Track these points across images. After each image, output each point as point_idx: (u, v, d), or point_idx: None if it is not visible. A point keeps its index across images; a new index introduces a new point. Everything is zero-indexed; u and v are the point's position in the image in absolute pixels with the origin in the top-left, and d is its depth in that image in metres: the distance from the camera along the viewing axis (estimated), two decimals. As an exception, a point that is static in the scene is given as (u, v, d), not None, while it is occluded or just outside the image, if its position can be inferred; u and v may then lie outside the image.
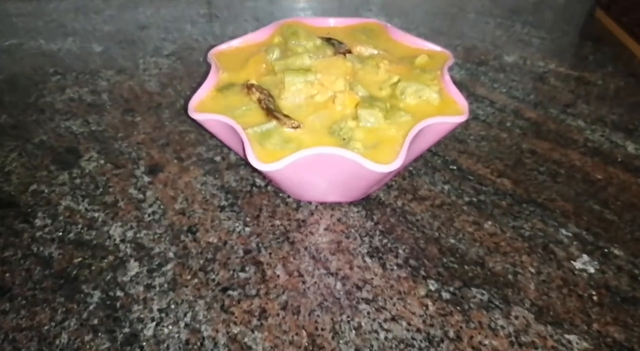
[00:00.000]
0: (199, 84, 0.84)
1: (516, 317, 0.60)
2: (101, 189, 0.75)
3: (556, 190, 0.76)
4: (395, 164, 0.57)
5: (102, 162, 0.80)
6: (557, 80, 0.98)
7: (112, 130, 0.86)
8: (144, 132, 0.86)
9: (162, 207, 0.73)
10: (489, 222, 0.71)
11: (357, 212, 0.72)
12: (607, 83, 0.97)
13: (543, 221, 0.71)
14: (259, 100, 0.66)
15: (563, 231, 0.70)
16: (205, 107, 0.67)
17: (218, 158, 0.81)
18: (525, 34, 1.13)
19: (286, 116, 0.63)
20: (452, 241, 0.69)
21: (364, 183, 0.63)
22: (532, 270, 0.65)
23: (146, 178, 0.77)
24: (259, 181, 0.77)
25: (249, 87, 0.68)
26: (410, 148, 0.60)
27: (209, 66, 0.73)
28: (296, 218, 0.71)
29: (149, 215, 0.72)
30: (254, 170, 0.77)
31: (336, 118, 0.64)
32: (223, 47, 0.78)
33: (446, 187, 0.76)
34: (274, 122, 0.62)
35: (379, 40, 0.79)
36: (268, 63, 0.73)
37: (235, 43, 0.78)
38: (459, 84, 0.96)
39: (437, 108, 0.66)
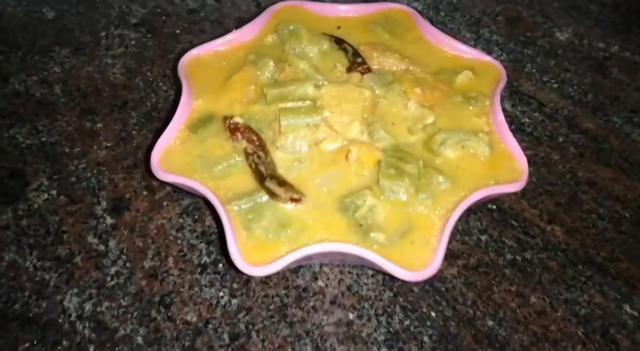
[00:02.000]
0: (165, 120, 0.66)
1: None
2: (53, 236, 0.60)
3: (619, 245, 0.61)
4: (430, 270, 0.42)
5: (54, 193, 0.64)
6: (621, 72, 0.78)
7: (66, 143, 0.69)
8: (106, 145, 0.68)
9: (128, 264, 0.58)
10: (537, 294, 0.57)
11: (372, 276, 0.57)
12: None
13: (602, 292, 0.57)
14: (247, 154, 0.49)
15: (627, 308, 0.56)
16: (174, 157, 0.50)
17: (198, 189, 0.64)
18: (581, -1, 0.89)
19: (283, 184, 0.46)
20: (491, 323, 0.55)
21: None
22: (589, 369, 0.53)
23: (109, 220, 0.62)
24: (249, 225, 0.61)
25: (232, 130, 0.50)
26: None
27: (177, 84, 0.55)
28: (296, 285, 0.57)
29: (112, 278, 0.57)
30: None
31: (350, 184, 0.47)
32: (198, 51, 0.58)
33: (483, 237, 0.61)
34: (263, 194, 0.46)
35: (406, 40, 0.60)
36: (259, 84, 0.54)
37: (215, 45, 0.59)
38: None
39: (486, 164, 0.49)
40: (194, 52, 0.57)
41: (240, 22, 0.83)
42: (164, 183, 0.64)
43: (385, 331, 0.54)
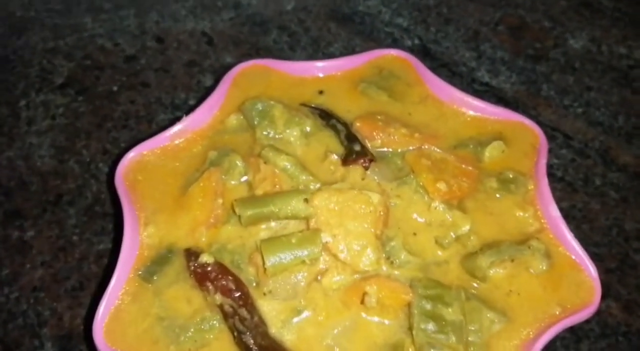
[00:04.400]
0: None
1: None
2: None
3: None
4: None
5: (-20, 340, 0.50)
6: (651, 81, 0.66)
7: (-11, 265, 0.54)
8: (42, 261, 0.54)
9: None
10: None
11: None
12: None
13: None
14: (224, 314, 0.35)
15: None
16: (125, 323, 0.36)
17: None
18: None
19: (281, 358, 0.33)
20: None
21: None
22: None
23: (57, 373, 0.48)
24: None
25: (199, 278, 0.36)
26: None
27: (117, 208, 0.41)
28: None
29: None
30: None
31: (373, 340, 0.35)
32: (140, 151, 0.43)
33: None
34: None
35: (409, 101, 0.46)
36: (226, 195, 0.40)
37: (161, 140, 0.44)
38: (511, 103, 0.63)
39: (544, 281, 0.37)
40: (132, 155, 0.43)
41: (192, 68, 0.68)
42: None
43: None
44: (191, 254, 0.38)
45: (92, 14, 0.75)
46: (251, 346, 0.33)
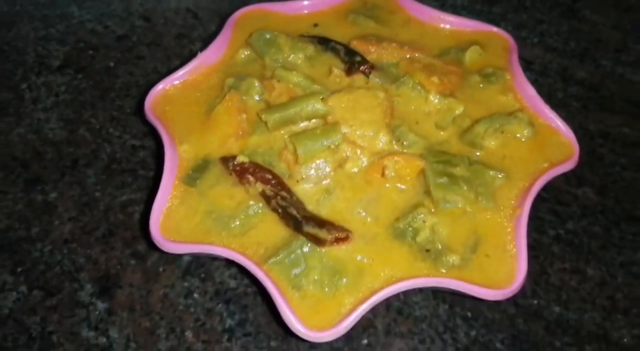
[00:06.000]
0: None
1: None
2: (39, 341, 0.50)
3: (654, 192, 0.58)
4: (517, 283, 0.36)
5: (23, 289, 0.53)
6: (593, 13, 0.75)
7: (20, 225, 0.57)
8: (69, 217, 0.57)
9: (141, 352, 0.49)
10: (591, 266, 0.53)
11: (420, 291, 0.51)
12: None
13: (654, 245, 0.54)
14: (265, 197, 0.40)
15: (685, 257, 0.53)
16: (178, 221, 0.41)
17: (195, 242, 0.55)
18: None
19: (322, 224, 0.39)
20: (557, 309, 0.51)
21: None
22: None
23: (100, 305, 0.52)
24: (266, 269, 0.53)
25: (239, 173, 0.41)
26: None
27: (152, 130, 0.45)
28: (342, 325, 0.49)
29: (126, 373, 0.48)
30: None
31: (396, 204, 0.41)
32: (163, 86, 0.48)
33: (520, 218, 0.56)
34: (304, 242, 0.38)
35: (394, 24, 0.53)
36: (250, 109, 0.45)
37: (180, 75, 0.49)
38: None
39: (531, 146, 0.44)
40: (158, 88, 0.47)
41: (182, 39, 0.73)
42: (153, 247, 0.55)
43: (454, 349, 0.48)
44: (227, 159, 0.43)
45: (77, 2, 0.79)
46: (297, 216, 0.38)
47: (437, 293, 0.51)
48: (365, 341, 0.49)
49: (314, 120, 0.43)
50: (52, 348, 0.49)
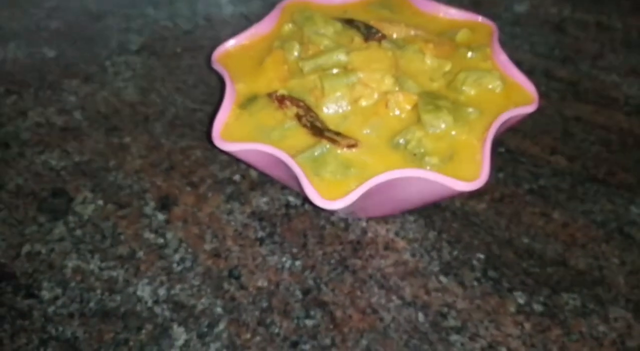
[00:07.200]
0: (203, 98, 0.72)
1: (615, 320, 0.55)
2: (110, 239, 0.63)
3: (612, 162, 0.70)
4: (482, 179, 0.49)
5: (100, 202, 0.67)
6: (577, 29, 0.90)
7: (100, 159, 0.72)
8: (139, 155, 0.72)
9: (190, 250, 0.62)
10: (558, 211, 0.65)
11: (414, 221, 0.64)
12: (628, 27, 0.90)
13: (610, 200, 0.65)
14: (298, 117, 0.54)
15: (633, 209, 0.64)
16: (232, 131, 0.55)
17: (237, 178, 0.69)
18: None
19: (338, 134, 0.53)
20: (526, 240, 0.62)
21: (438, 199, 0.55)
22: (616, 261, 0.60)
23: (160, 216, 0.65)
24: (292, 199, 0.66)
25: (280, 100, 0.56)
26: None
27: (217, 75, 0.60)
28: (349, 240, 0.62)
29: (177, 264, 0.61)
30: (284, 187, 0.67)
31: (394, 127, 0.54)
32: (226, 47, 0.64)
33: (501, 175, 0.68)
34: (325, 144, 0.52)
35: (405, 14, 0.68)
36: (290, 62, 0.60)
37: (238, 41, 0.65)
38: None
39: (502, 96, 0.57)
40: (222, 48, 0.63)
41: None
42: (204, 178, 0.69)
43: (438, 263, 0.60)
44: (271, 93, 0.58)
45: (153, 4, 0.98)
46: (321, 127, 0.52)
47: (428, 221, 0.64)
48: (368, 253, 0.61)
49: (337, 69, 0.57)
50: (120, 244, 0.63)
